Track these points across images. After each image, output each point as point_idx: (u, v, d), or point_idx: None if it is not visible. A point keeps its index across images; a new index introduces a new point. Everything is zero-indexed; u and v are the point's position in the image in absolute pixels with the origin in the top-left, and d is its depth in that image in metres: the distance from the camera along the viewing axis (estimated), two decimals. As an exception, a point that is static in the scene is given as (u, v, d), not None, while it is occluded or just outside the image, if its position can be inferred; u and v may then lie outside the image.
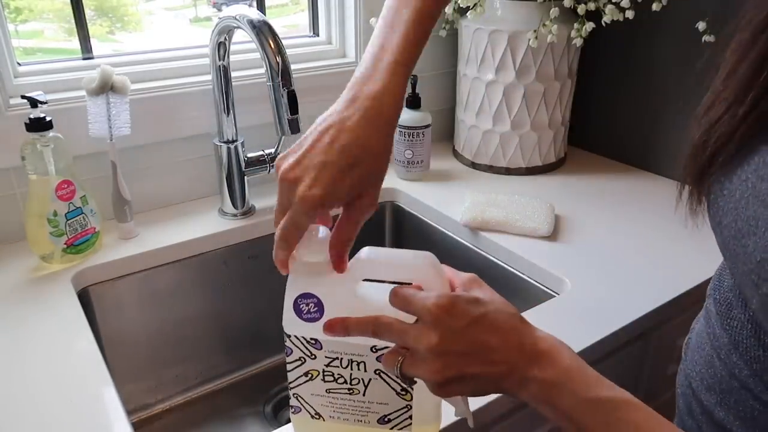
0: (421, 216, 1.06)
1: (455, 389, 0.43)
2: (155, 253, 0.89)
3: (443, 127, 1.29)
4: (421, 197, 1.06)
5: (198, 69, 0.99)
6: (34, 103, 0.77)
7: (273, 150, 0.99)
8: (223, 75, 0.91)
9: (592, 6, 0.98)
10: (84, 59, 0.95)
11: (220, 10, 1.19)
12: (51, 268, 0.83)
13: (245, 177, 0.97)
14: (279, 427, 0.58)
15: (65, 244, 0.82)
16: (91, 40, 0.95)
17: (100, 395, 0.62)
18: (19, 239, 0.87)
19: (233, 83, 0.93)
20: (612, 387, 0.42)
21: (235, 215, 0.98)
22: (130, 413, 0.87)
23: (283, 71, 0.79)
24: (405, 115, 1.10)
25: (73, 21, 0.92)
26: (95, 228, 0.86)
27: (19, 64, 0.90)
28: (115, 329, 0.88)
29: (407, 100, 1.09)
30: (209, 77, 0.93)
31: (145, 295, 0.90)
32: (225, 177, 0.96)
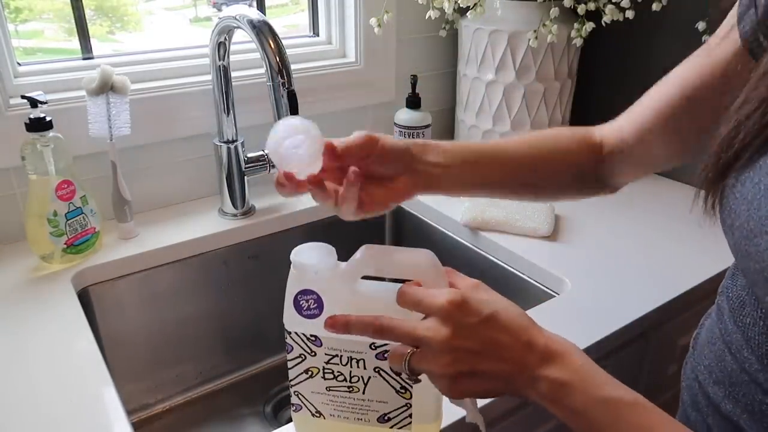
0: (421, 216, 1.06)
1: (465, 386, 0.43)
2: (155, 253, 0.89)
3: (443, 127, 1.29)
4: (421, 197, 1.05)
5: (198, 69, 0.99)
6: (34, 103, 0.77)
7: (273, 150, 0.99)
8: (223, 75, 0.91)
9: (592, 6, 0.98)
10: (84, 59, 0.95)
11: (220, 10, 1.19)
12: (51, 268, 0.83)
13: (245, 177, 0.97)
14: (279, 427, 0.58)
15: (65, 244, 0.82)
16: (91, 40, 0.95)
17: (100, 395, 0.62)
18: (19, 239, 0.87)
19: (233, 83, 0.93)
20: (622, 387, 0.42)
21: (235, 215, 0.98)
22: (130, 413, 0.87)
23: (283, 71, 0.79)
24: (405, 115, 1.10)
25: (73, 21, 0.92)
26: (95, 228, 0.86)
27: (19, 64, 0.90)
28: (115, 329, 0.88)
29: (407, 100, 1.09)
30: (209, 77, 0.93)
31: (145, 295, 0.90)
32: (225, 177, 0.96)
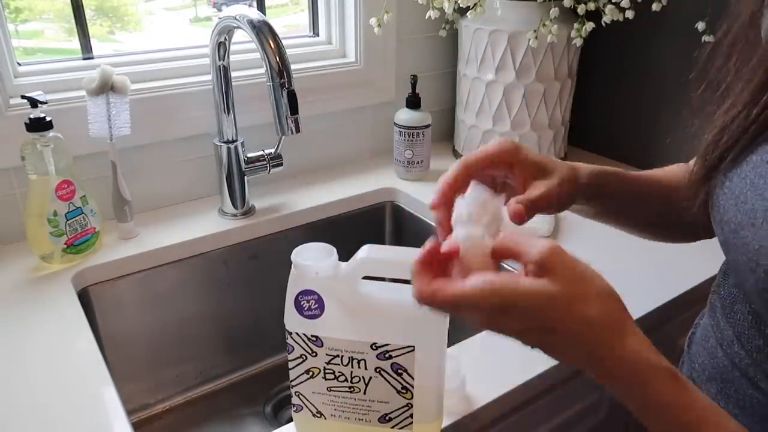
0: (421, 216, 1.06)
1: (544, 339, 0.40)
2: (155, 253, 0.89)
3: (443, 127, 1.29)
4: (421, 197, 1.06)
5: (198, 69, 0.99)
6: (34, 103, 0.77)
7: (273, 150, 0.99)
8: (223, 75, 0.91)
9: (592, 6, 0.98)
10: (84, 59, 0.95)
11: (220, 10, 1.19)
12: (51, 268, 0.83)
13: (245, 177, 0.97)
14: (279, 427, 0.58)
15: (65, 244, 0.82)
16: (91, 40, 0.95)
17: (100, 395, 0.62)
18: (19, 239, 0.87)
19: (233, 83, 0.93)
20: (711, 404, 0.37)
21: (235, 215, 0.98)
22: (130, 413, 0.87)
23: (283, 71, 0.79)
24: (405, 115, 1.10)
25: (73, 21, 0.92)
26: (95, 228, 0.86)
27: (19, 64, 0.90)
28: (115, 329, 0.88)
29: (407, 100, 1.09)
30: (209, 77, 0.93)
31: (145, 295, 0.90)
32: (225, 177, 0.96)
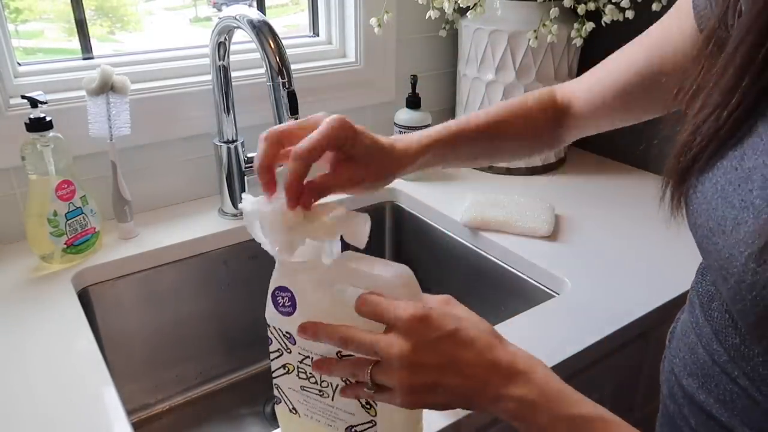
0: (421, 216, 1.06)
1: (424, 399, 0.43)
2: (155, 253, 0.89)
3: (443, 127, 1.28)
4: (421, 197, 1.06)
5: (198, 69, 0.99)
6: (34, 103, 0.77)
7: (273, 150, 0.99)
8: (223, 75, 0.91)
9: (592, 6, 0.98)
10: (84, 59, 0.95)
11: (220, 10, 1.19)
12: (51, 268, 0.83)
13: (245, 177, 0.97)
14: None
15: (65, 244, 0.82)
16: (91, 40, 0.95)
17: (100, 395, 0.62)
18: (19, 239, 0.87)
19: (233, 83, 0.93)
20: (588, 404, 0.43)
21: (235, 215, 0.98)
22: (130, 413, 0.87)
23: (283, 71, 0.79)
24: (405, 115, 1.10)
25: (73, 21, 0.92)
26: (95, 228, 0.86)
27: (19, 64, 0.90)
28: (115, 329, 0.88)
29: (407, 100, 1.09)
30: (209, 77, 0.93)
31: (145, 295, 0.90)
32: (225, 177, 0.96)
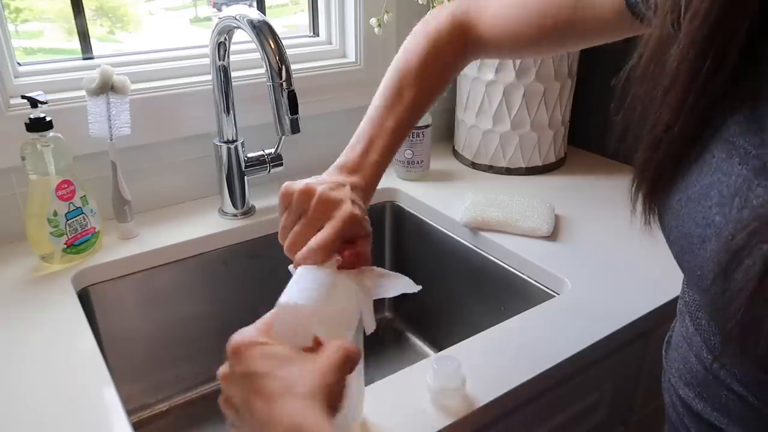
0: (421, 216, 1.06)
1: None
2: (155, 253, 0.89)
3: (443, 127, 1.29)
4: (421, 197, 1.06)
5: (198, 69, 0.99)
6: (34, 103, 0.77)
7: (273, 150, 0.99)
8: (223, 75, 0.91)
9: (592, 6, 0.97)
10: (84, 59, 0.95)
11: (220, 10, 1.19)
12: (51, 268, 0.83)
13: (245, 177, 0.97)
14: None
15: (65, 244, 0.82)
16: (91, 40, 0.95)
17: (100, 395, 0.62)
18: (19, 239, 0.87)
19: (233, 83, 0.93)
20: None
21: (235, 215, 0.98)
22: (130, 413, 0.87)
23: (283, 71, 0.79)
24: (405, 115, 1.10)
25: (73, 21, 0.92)
26: (95, 228, 0.86)
27: (19, 64, 0.90)
28: (115, 329, 0.88)
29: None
30: (209, 77, 0.93)
31: (145, 295, 0.90)
32: (225, 177, 0.96)
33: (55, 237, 0.81)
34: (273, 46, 0.79)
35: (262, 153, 0.98)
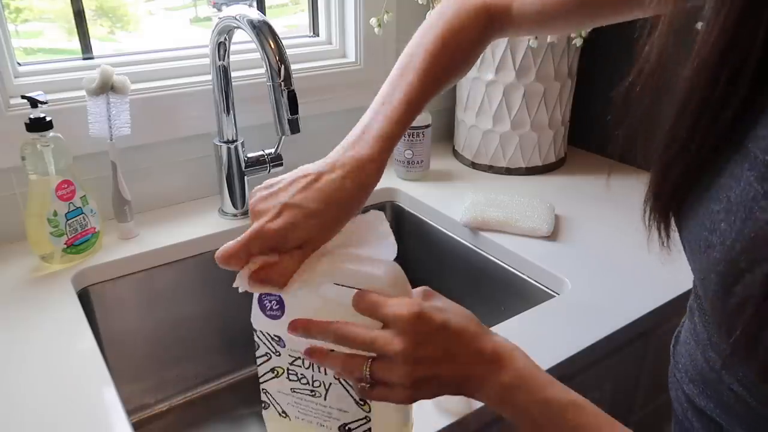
0: (421, 216, 1.06)
1: (422, 393, 0.45)
2: (155, 253, 0.89)
3: (443, 127, 1.29)
4: (421, 197, 1.06)
5: (198, 69, 0.99)
6: (34, 103, 0.77)
7: (273, 150, 0.99)
8: (223, 75, 0.91)
9: (592, 6, 0.97)
10: (84, 59, 0.95)
11: (220, 10, 1.19)
12: (51, 268, 0.83)
13: (245, 177, 0.97)
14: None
15: (65, 244, 0.82)
16: (91, 40, 0.95)
17: (100, 395, 0.62)
18: (19, 239, 0.87)
19: (233, 83, 0.93)
20: (563, 389, 0.46)
21: (235, 215, 0.98)
22: (130, 413, 0.87)
23: (283, 71, 0.79)
24: (405, 115, 1.09)
25: (73, 21, 0.92)
26: (95, 228, 0.86)
27: (19, 64, 0.90)
28: (115, 329, 0.88)
29: (407, 100, 1.09)
30: (209, 77, 0.93)
31: (145, 295, 0.90)
32: (225, 177, 0.96)
33: (55, 237, 0.81)
34: (273, 46, 0.79)
35: (262, 153, 0.98)
